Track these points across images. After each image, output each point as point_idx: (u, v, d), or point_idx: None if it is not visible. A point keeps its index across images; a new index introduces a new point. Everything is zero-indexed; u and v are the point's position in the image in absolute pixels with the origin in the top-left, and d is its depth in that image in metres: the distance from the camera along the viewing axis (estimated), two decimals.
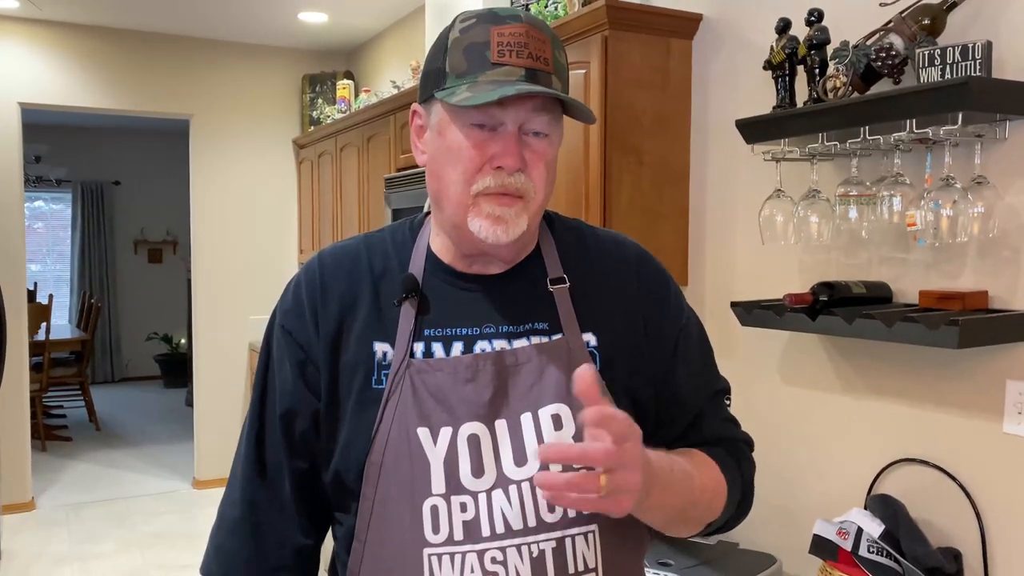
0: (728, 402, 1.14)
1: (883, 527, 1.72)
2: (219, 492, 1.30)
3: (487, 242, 0.95)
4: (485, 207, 0.94)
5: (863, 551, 1.73)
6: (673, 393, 1.06)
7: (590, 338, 1.02)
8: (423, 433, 0.96)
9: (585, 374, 0.80)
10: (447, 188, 0.97)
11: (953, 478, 1.77)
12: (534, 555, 0.94)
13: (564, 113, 0.98)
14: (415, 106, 1.03)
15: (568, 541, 0.96)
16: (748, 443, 1.13)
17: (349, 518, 1.01)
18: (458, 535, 0.94)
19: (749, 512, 1.12)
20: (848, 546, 1.74)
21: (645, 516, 0.94)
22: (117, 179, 9.10)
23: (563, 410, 0.97)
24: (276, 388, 1.04)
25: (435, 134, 0.98)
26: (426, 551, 0.94)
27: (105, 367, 9.08)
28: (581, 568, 0.97)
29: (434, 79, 0.97)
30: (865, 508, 1.83)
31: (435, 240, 1.05)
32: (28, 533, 4.51)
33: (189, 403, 7.11)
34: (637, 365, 1.04)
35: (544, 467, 0.88)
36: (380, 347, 1.00)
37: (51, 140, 8.55)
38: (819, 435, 2.08)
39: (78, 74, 4.89)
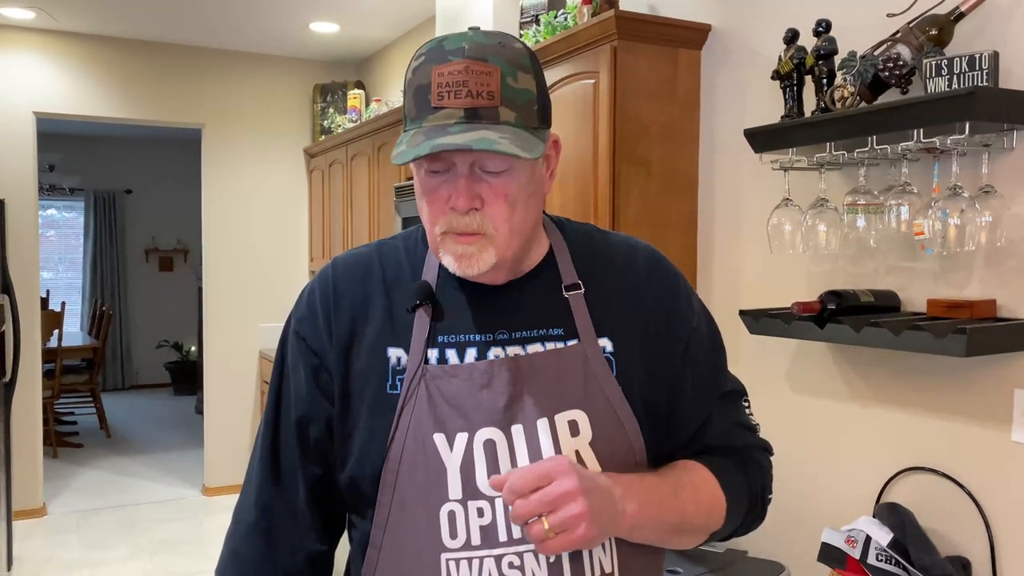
0: (747, 405, 1.14)
1: (891, 535, 1.72)
2: (228, 499, 1.32)
3: (459, 275, 0.98)
4: (450, 244, 0.96)
5: (871, 559, 1.73)
6: (683, 394, 1.07)
7: (606, 343, 1.03)
8: (439, 439, 0.97)
9: (494, 482, 0.92)
10: (424, 226, 1.01)
11: (962, 487, 1.77)
12: (551, 560, 0.95)
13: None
14: None
15: None
16: (765, 449, 1.14)
17: (365, 523, 1.02)
18: (475, 540, 0.95)
19: (764, 518, 1.12)
20: (856, 554, 1.74)
21: (634, 535, 0.97)
22: (129, 188, 9.16)
23: (580, 416, 0.98)
24: (291, 394, 1.06)
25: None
26: (444, 556, 0.95)
27: (116, 374, 9.12)
28: (598, 573, 0.98)
29: (404, 119, 0.98)
30: (873, 516, 1.83)
31: None
32: (39, 539, 4.54)
33: (199, 410, 7.14)
34: (652, 368, 1.05)
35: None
36: (394, 353, 1.01)
37: (65, 149, 8.62)
38: (827, 443, 2.09)
39: (92, 84, 4.94)
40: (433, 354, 1.01)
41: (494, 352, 1.01)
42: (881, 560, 1.72)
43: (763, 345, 2.25)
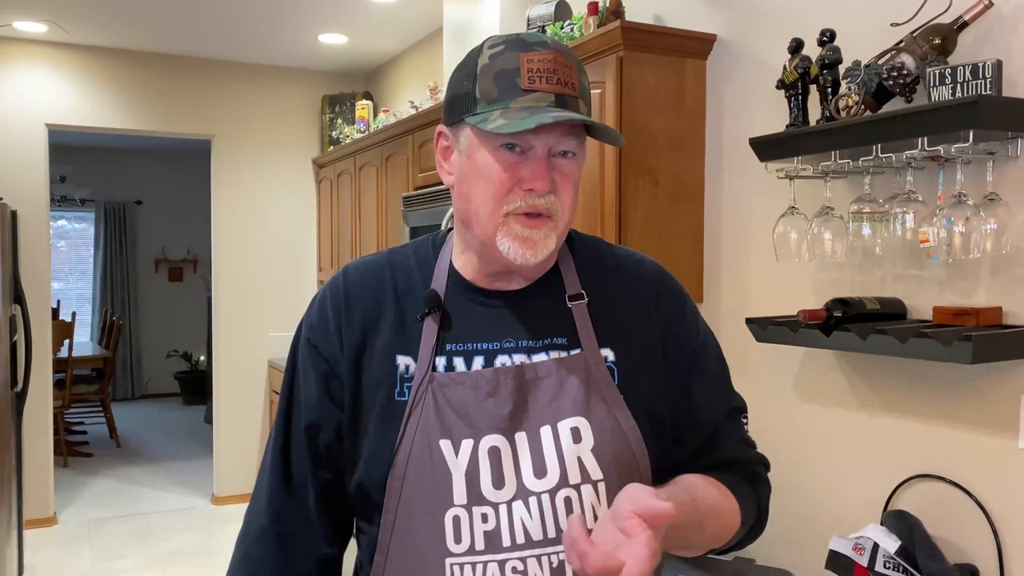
0: (745, 421, 1.15)
1: (899, 543, 1.73)
2: (238, 509, 1.33)
3: (515, 263, 0.98)
4: (515, 227, 0.97)
5: (879, 567, 1.73)
6: (689, 409, 1.08)
7: (608, 353, 1.04)
8: (445, 445, 0.98)
9: (572, 524, 0.79)
10: (477, 208, 0.99)
11: (969, 494, 1.77)
12: (554, 565, 0.96)
13: (589, 135, 1.01)
14: (441, 127, 1.05)
15: None
16: (765, 464, 1.15)
17: (372, 528, 1.03)
18: (479, 545, 0.96)
19: (762, 532, 1.13)
20: (864, 562, 1.74)
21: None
22: (139, 198, 9.23)
23: (582, 423, 1.00)
24: (301, 400, 1.07)
25: (464, 157, 1.00)
26: (448, 560, 0.96)
27: (126, 384, 9.16)
28: None
29: (463, 104, 0.99)
30: (881, 524, 1.83)
31: (458, 257, 1.08)
32: (50, 548, 4.56)
33: (208, 420, 7.16)
34: (654, 381, 1.06)
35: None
36: (403, 361, 1.02)
37: (76, 160, 8.69)
38: (834, 451, 2.09)
39: (103, 96, 4.99)
40: (441, 362, 1.02)
41: (500, 360, 1.02)
42: (889, 568, 1.72)
43: (770, 353, 2.25)
